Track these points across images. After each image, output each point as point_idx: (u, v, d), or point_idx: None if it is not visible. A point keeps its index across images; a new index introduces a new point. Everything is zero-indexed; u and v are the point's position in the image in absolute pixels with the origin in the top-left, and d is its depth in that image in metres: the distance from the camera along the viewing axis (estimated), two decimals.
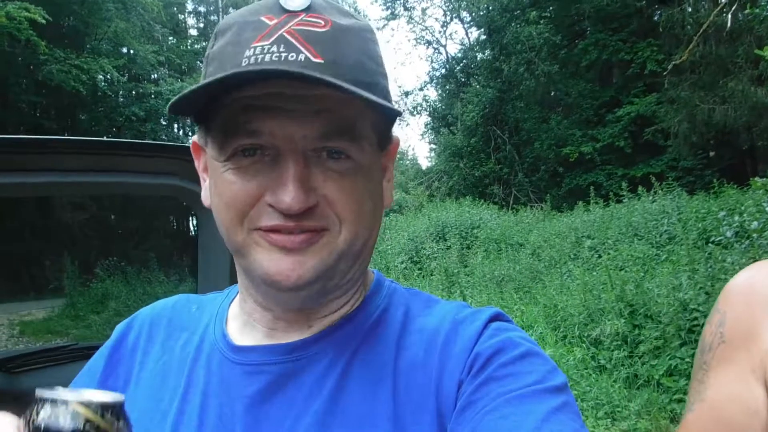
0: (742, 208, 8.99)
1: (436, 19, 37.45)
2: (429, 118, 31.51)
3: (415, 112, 31.30)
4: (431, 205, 21.52)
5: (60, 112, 23.57)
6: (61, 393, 0.56)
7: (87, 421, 0.55)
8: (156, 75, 30.40)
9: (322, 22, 0.80)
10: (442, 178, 27.08)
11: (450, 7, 28.41)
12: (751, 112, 15.42)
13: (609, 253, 10.64)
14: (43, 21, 18.35)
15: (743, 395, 1.06)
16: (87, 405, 0.56)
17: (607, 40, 21.81)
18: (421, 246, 14.90)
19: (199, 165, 0.98)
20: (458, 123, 26.17)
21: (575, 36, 23.99)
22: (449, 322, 0.89)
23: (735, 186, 11.76)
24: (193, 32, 41.06)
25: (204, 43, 40.18)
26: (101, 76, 23.42)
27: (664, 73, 15.12)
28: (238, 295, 1.00)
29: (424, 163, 36.41)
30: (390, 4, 29.87)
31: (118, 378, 0.97)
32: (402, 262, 14.55)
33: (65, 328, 15.30)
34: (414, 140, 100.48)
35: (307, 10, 0.81)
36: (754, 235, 7.62)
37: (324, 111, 0.81)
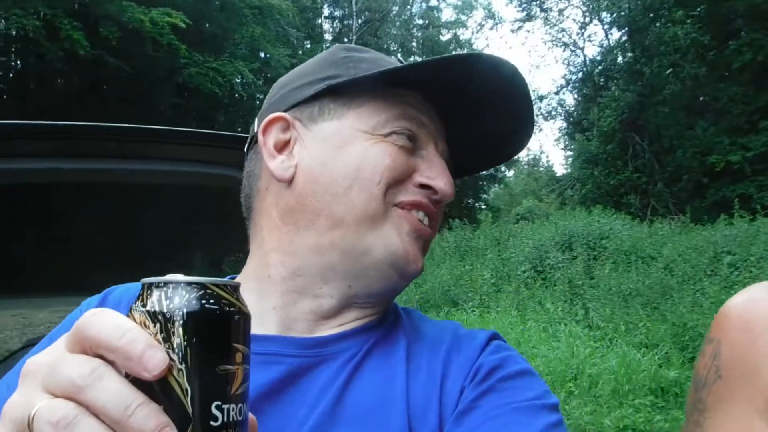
0: None
1: (574, 20, 36.31)
2: (564, 123, 30.69)
3: (549, 117, 30.62)
4: (559, 213, 20.91)
5: (199, 113, 24.97)
6: (182, 277, 0.55)
7: (222, 300, 0.54)
8: None
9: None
10: (575, 186, 26.28)
11: (589, 8, 27.54)
12: None
13: (751, 271, 9.85)
14: (184, 25, 19.61)
15: None
16: (222, 286, 0.55)
17: (762, 40, 20.32)
18: (546, 255, 14.42)
19: (268, 140, 1.00)
20: (594, 128, 25.29)
21: (726, 36, 22.46)
22: (450, 335, 0.97)
23: None
24: (328, 36, 42.33)
25: None
26: (237, 80, 24.57)
27: None
28: (246, 281, 0.98)
29: (560, 170, 35.46)
30: (526, 5, 29.51)
31: None
32: (525, 271, 14.17)
33: None
34: (548, 146, 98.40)
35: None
36: None
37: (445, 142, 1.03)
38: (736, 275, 10.09)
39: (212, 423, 0.51)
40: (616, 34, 28.05)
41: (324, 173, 0.94)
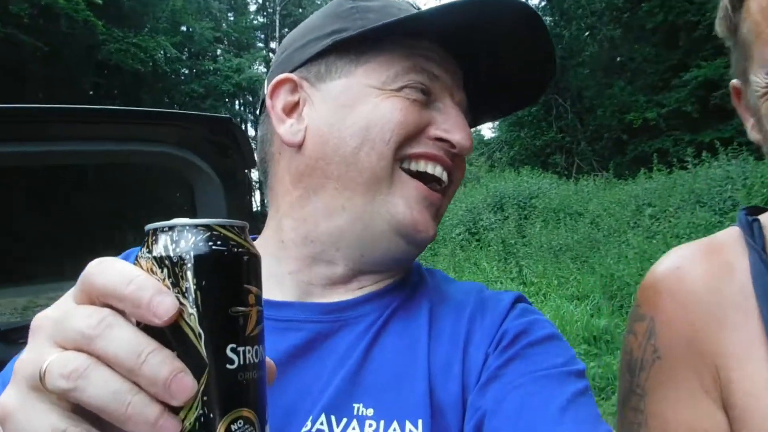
0: None
1: None
2: None
3: None
4: (489, 175, 21.28)
5: (122, 91, 24.12)
6: (187, 220, 0.54)
7: (230, 241, 0.53)
8: (215, 52, 30.74)
9: None
10: (503, 149, 26.71)
11: None
12: None
13: (670, 221, 10.40)
14: (100, 1, 18.75)
15: (699, 423, 0.86)
16: (228, 227, 0.54)
17: (673, 1, 20.93)
18: (479, 217, 14.82)
19: (275, 104, 0.97)
20: None
21: None
22: (474, 297, 0.95)
23: None
24: (252, 7, 41.32)
25: (262, 19, 40.41)
26: (160, 55, 23.79)
27: None
28: (264, 247, 0.96)
29: (488, 134, 35.89)
30: None
31: None
32: (459, 234, 14.51)
33: None
34: None
35: None
36: None
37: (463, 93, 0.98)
38: (657, 225, 10.60)
39: (228, 366, 0.51)
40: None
41: (333, 134, 0.91)
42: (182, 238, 0.52)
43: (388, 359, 0.86)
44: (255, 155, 1.11)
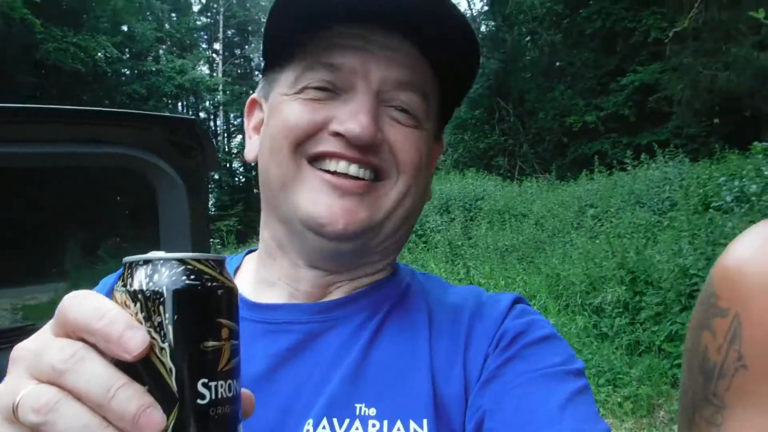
0: (743, 173, 8.99)
1: None
2: None
3: None
4: (435, 178, 21.42)
5: (61, 92, 23.47)
6: (162, 254, 0.54)
7: (204, 275, 0.53)
8: (157, 52, 30.16)
9: None
10: (447, 151, 26.96)
11: None
12: (754, 78, 15.28)
13: (611, 221, 10.68)
14: None
15: None
16: (203, 261, 0.54)
17: (610, 8, 21.54)
18: (426, 219, 14.92)
19: (249, 123, 1.01)
20: None
21: (578, 5, 23.67)
22: (473, 301, 0.95)
23: (737, 152, 11.74)
24: (196, 8, 40.72)
25: (206, 20, 39.86)
26: (100, 54, 23.22)
27: (666, 41, 15.00)
28: (258, 255, 1.02)
29: None
30: None
31: None
32: None
33: None
34: None
35: None
36: (753, 198, 7.62)
37: (404, 64, 0.88)
38: (599, 226, 10.88)
39: (199, 401, 0.50)
40: (478, 4, 28.85)
41: (263, 147, 0.94)
42: (156, 272, 0.52)
43: (389, 358, 0.86)
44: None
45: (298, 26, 0.87)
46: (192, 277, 0.52)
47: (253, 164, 0.99)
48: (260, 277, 0.98)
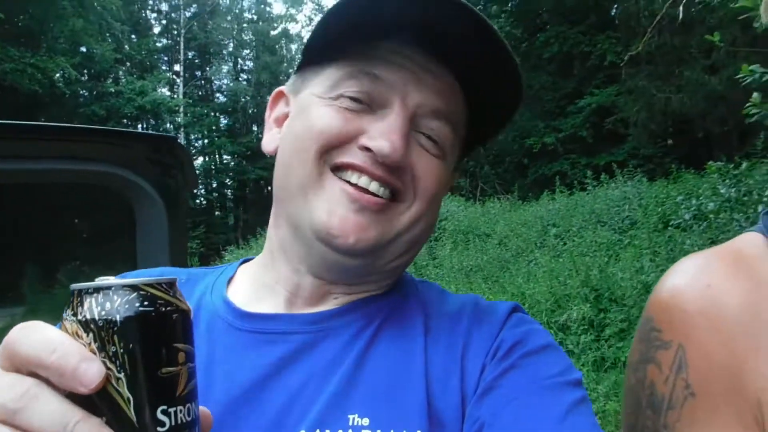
0: (699, 191, 9.23)
1: None
2: None
3: None
4: None
5: (17, 113, 22.97)
6: (113, 280, 0.52)
7: (158, 300, 0.52)
8: (117, 73, 29.70)
9: None
10: None
11: None
12: (705, 101, 15.75)
13: (574, 240, 10.82)
14: None
15: None
16: (156, 285, 0.52)
17: (567, 33, 22.03)
18: None
19: (270, 114, 1.00)
20: None
21: (536, 29, 24.17)
22: (471, 309, 0.93)
23: (692, 171, 12.06)
24: (156, 30, 40.40)
25: (166, 41, 39.52)
26: (58, 75, 22.76)
27: (622, 64, 15.40)
28: (258, 262, 1.01)
29: None
30: None
31: None
32: None
33: None
34: None
35: None
36: (711, 216, 7.84)
37: (442, 92, 0.88)
38: (562, 245, 11.03)
39: (159, 429, 0.49)
40: None
41: (284, 144, 0.92)
42: (108, 300, 0.50)
43: (383, 369, 0.85)
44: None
45: (349, 33, 0.86)
46: (145, 303, 0.51)
47: (270, 156, 0.98)
48: (260, 281, 0.97)
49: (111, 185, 2.38)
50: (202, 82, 42.75)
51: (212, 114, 39.66)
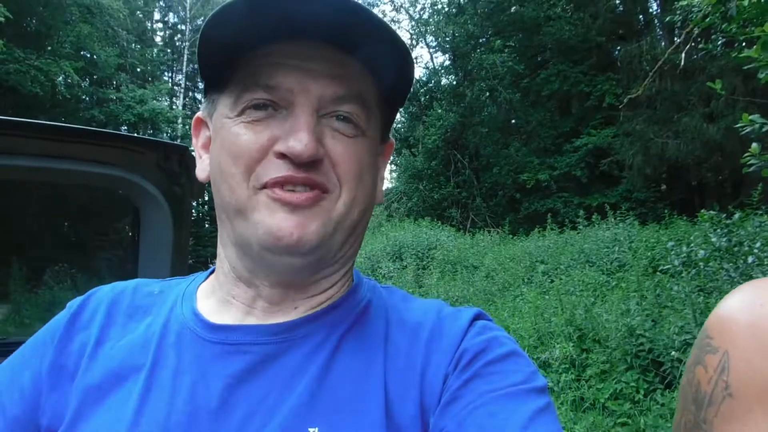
0: (690, 238, 9.24)
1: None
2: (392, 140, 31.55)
3: None
4: (389, 224, 21.56)
5: (17, 113, 23.06)
6: None
7: None
8: (118, 81, 29.97)
9: None
10: (402, 199, 27.14)
11: (416, 32, 28.71)
12: (702, 148, 15.89)
13: (561, 278, 10.78)
14: (2, 19, 17.85)
15: None
16: None
17: (568, 71, 22.28)
18: (378, 265, 14.92)
19: (197, 142, 1.00)
20: (419, 145, 26.31)
21: (537, 66, 24.44)
22: (433, 316, 0.92)
23: (685, 218, 12.08)
24: (159, 41, 40.65)
25: (169, 51, 39.80)
26: (61, 78, 22.93)
27: (621, 107, 15.51)
28: (214, 275, 1.00)
29: (384, 184, 36.41)
30: None
31: (71, 354, 0.94)
32: None
33: (9, 335, 14.86)
34: None
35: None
36: (701, 263, 7.85)
37: (341, 77, 0.86)
38: (549, 282, 11.00)
39: None
40: (440, 58, 29.47)
41: (213, 169, 0.93)
42: None
43: (343, 380, 0.84)
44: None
45: (232, 47, 0.85)
46: None
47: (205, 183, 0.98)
48: (218, 296, 0.96)
49: (120, 189, 2.47)
50: (203, 94, 42.84)
51: None
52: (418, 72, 34.54)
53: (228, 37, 0.83)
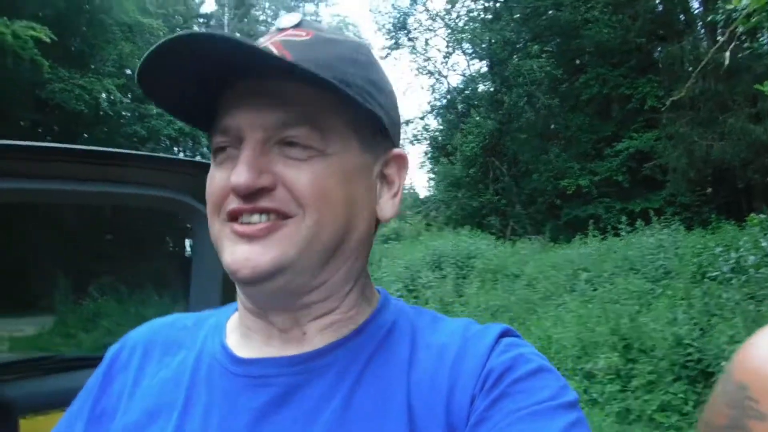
0: (739, 243, 9.00)
1: (439, 50, 37.90)
2: (428, 148, 31.57)
3: (414, 141, 31.35)
4: (428, 233, 21.51)
5: (62, 130, 23.68)
6: None
7: None
8: None
9: (304, 34, 0.87)
10: (440, 208, 27.11)
11: (452, 39, 28.67)
12: (748, 149, 15.50)
13: (605, 287, 10.61)
14: (48, 40, 18.35)
15: None
16: None
17: (607, 75, 22.00)
18: (417, 274, 14.85)
19: None
20: (457, 153, 26.25)
21: (576, 70, 24.19)
22: (459, 338, 0.89)
23: (732, 222, 11.77)
24: None
25: None
26: (104, 96, 23.55)
27: (663, 109, 15.21)
28: (239, 305, 1.00)
29: (422, 192, 36.38)
30: (393, 34, 30.14)
31: (111, 396, 0.97)
32: (397, 290, 14.46)
33: (55, 345, 15.28)
34: (413, 169, 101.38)
35: (296, 26, 0.89)
36: (751, 270, 7.62)
37: (284, 103, 0.85)
38: (592, 290, 10.83)
39: None
40: (477, 65, 29.37)
41: None
42: None
43: (366, 410, 0.83)
44: None
45: (189, 107, 0.91)
46: None
47: None
48: (240, 329, 0.97)
49: (172, 209, 2.56)
50: None
51: None
52: (456, 79, 34.40)
53: (187, 95, 0.88)
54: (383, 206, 0.96)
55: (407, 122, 31.53)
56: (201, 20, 40.88)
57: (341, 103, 0.88)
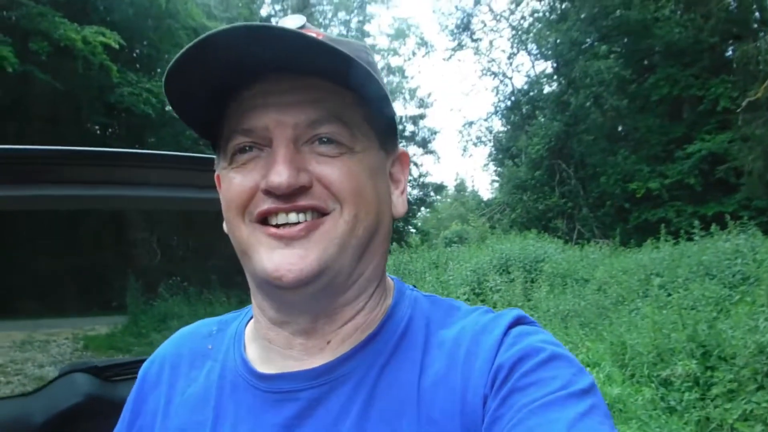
0: None
1: (503, 50, 37.67)
2: (492, 150, 31.37)
3: (478, 143, 31.20)
4: (494, 236, 21.36)
5: (130, 133, 24.29)
6: None
7: None
8: None
9: (314, 34, 0.84)
10: (505, 210, 26.89)
11: (517, 40, 28.44)
12: None
13: (679, 292, 10.35)
14: (117, 46, 18.82)
15: None
16: None
17: (678, 75, 21.49)
18: (484, 278, 14.79)
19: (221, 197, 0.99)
20: (522, 155, 26.03)
21: (645, 71, 23.68)
22: (469, 332, 0.89)
23: None
24: None
25: None
26: None
27: (738, 110, 14.80)
28: (253, 316, 1.01)
29: (485, 195, 36.09)
30: (457, 35, 30.09)
31: (147, 415, 1.01)
32: (464, 293, 14.42)
33: (128, 344, 15.62)
34: (476, 171, 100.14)
35: (301, 28, 0.87)
36: None
37: (314, 100, 0.86)
38: (666, 296, 10.59)
39: None
40: (541, 66, 29.06)
41: (224, 219, 0.95)
42: None
43: (382, 419, 0.84)
44: None
45: (206, 105, 0.89)
46: None
47: None
48: (259, 341, 0.98)
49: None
50: None
51: None
52: (520, 81, 34.06)
53: (208, 88, 0.86)
54: (396, 203, 0.98)
55: (470, 124, 31.43)
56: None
57: (359, 101, 0.90)
